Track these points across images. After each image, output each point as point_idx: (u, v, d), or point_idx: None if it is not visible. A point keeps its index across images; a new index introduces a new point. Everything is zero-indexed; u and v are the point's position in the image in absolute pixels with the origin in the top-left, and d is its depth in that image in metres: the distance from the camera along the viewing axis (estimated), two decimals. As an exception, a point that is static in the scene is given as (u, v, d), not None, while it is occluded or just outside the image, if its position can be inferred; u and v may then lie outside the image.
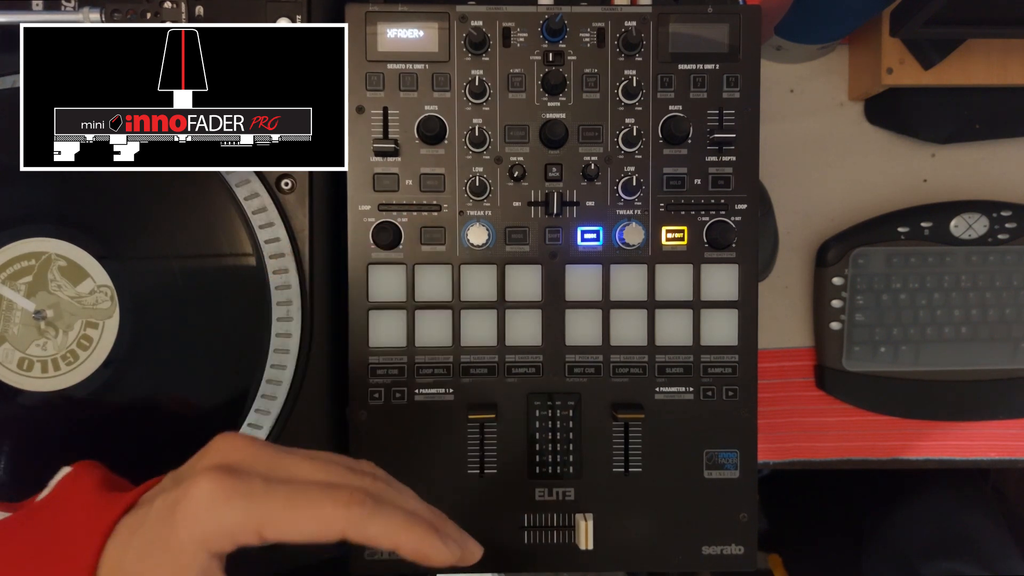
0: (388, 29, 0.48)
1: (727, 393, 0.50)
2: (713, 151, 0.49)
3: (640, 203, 0.49)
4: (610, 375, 0.49)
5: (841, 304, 0.62)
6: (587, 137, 0.49)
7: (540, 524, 0.49)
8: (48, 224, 0.46)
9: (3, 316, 0.46)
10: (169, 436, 0.47)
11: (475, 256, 0.49)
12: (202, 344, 0.47)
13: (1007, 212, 0.61)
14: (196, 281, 0.47)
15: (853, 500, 0.82)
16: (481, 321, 0.49)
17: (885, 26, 0.58)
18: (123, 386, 0.46)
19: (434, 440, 0.49)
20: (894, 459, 0.64)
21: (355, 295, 0.49)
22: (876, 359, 0.62)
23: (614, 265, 0.49)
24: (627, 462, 0.49)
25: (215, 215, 0.47)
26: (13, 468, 0.46)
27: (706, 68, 0.49)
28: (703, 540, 0.49)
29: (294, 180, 0.48)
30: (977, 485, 0.77)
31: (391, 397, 0.49)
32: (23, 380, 0.46)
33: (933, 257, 0.61)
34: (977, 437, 0.64)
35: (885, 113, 0.64)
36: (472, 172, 0.49)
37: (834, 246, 0.62)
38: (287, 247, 0.47)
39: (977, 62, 0.59)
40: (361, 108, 0.48)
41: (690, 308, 0.49)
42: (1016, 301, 0.61)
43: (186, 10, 0.47)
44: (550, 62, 0.48)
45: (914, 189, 0.65)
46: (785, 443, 0.64)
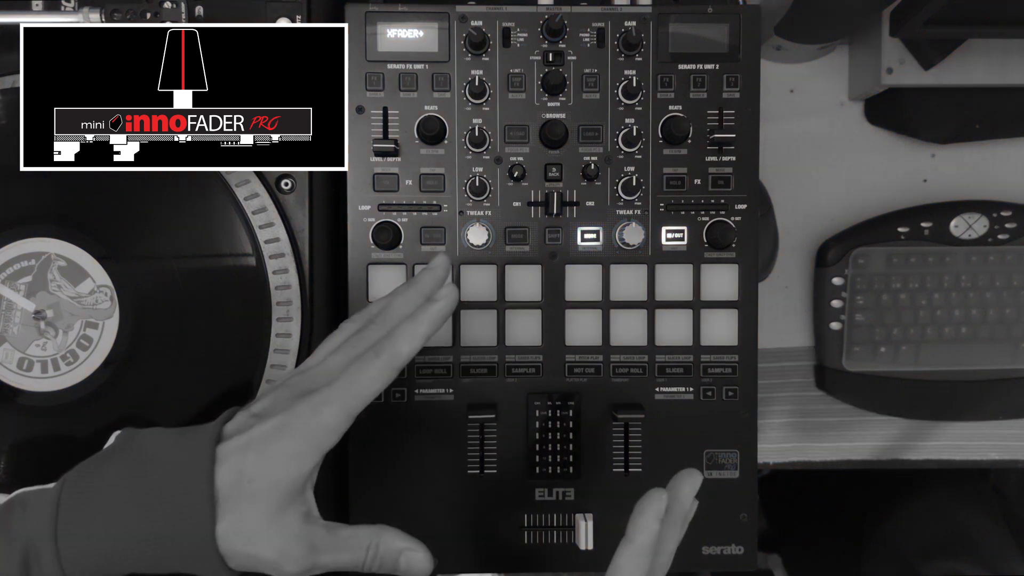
0: (388, 29, 0.48)
1: (727, 393, 0.50)
2: (713, 151, 0.49)
3: (640, 203, 0.49)
4: (610, 375, 0.49)
5: (841, 304, 0.62)
6: (587, 137, 0.49)
7: (540, 524, 0.49)
8: (48, 224, 0.46)
9: (3, 316, 0.46)
10: (169, 436, 0.47)
11: (475, 256, 0.49)
12: (202, 344, 0.47)
13: (1007, 212, 0.61)
14: (196, 281, 0.47)
15: (853, 500, 0.82)
16: (481, 321, 0.49)
17: (885, 26, 0.58)
18: (123, 386, 0.46)
19: (434, 440, 0.49)
20: (894, 459, 0.64)
21: (355, 295, 0.49)
22: (876, 359, 0.62)
23: (614, 265, 0.49)
24: (627, 462, 0.49)
25: (215, 215, 0.47)
26: (13, 468, 0.46)
27: (706, 68, 0.49)
28: (703, 540, 0.49)
29: (294, 180, 0.48)
30: (977, 485, 0.77)
31: (391, 397, 0.49)
32: (23, 380, 0.46)
33: (933, 257, 0.61)
34: (977, 437, 0.64)
35: (885, 113, 0.64)
36: (472, 172, 0.49)
37: (834, 246, 0.62)
38: (287, 247, 0.47)
39: (977, 62, 0.59)
40: (361, 108, 0.48)
41: (690, 308, 0.49)
42: (1016, 301, 0.61)
43: (186, 10, 0.47)
44: (550, 62, 0.48)
45: (914, 189, 0.65)
46: (785, 443, 0.64)
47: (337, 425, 0.36)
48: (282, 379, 0.39)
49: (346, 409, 0.36)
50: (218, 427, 0.36)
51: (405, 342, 0.37)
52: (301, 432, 0.35)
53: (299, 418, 0.35)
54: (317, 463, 0.36)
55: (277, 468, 0.34)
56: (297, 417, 0.35)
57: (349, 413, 0.36)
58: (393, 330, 0.38)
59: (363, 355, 0.37)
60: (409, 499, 0.48)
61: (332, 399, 0.36)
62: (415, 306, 0.40)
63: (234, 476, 0.34)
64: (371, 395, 0.36)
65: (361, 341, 0.39)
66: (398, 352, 0.37)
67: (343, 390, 0.36)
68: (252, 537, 0.34)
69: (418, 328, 0.38)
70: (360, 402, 0.36)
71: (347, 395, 0.36)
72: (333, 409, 0.35)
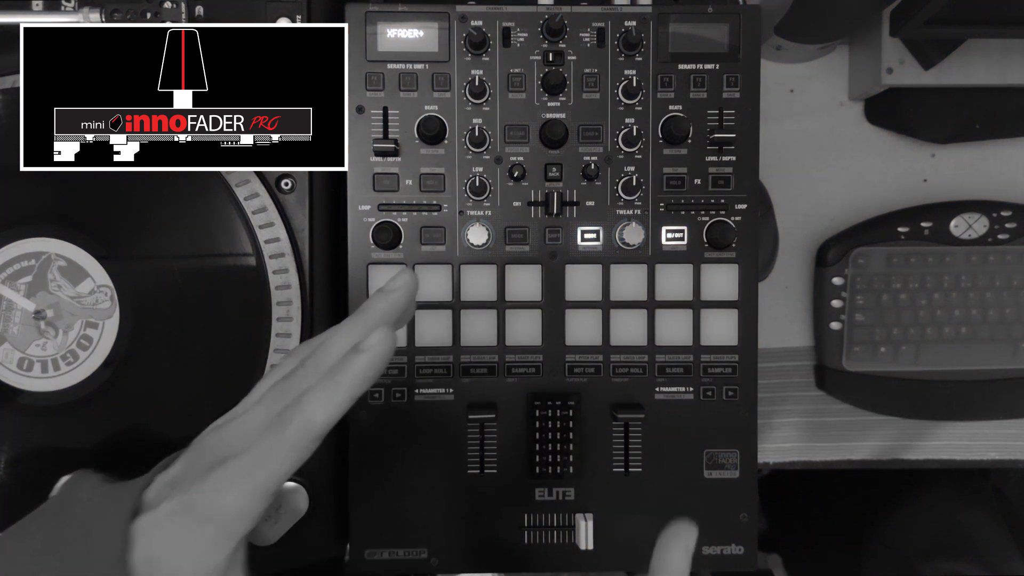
0: (388, 29, 0.48)
1: (727, 393, 0.50)
2: (713, 151, 0.49)
3: (640, 203, 0.49)
4: (610, 375, 0.49)
5: (841, 304, 0.62)
6: (587, 137, 0.49)
7: (540, 524, 0.49)
8: (48, 224, 0.46)
9: (3, 316, 0.46)
10: (169, 436, 0.47)
11: (475, 256, 0.49)
12: (202, 344, 0.47)
13: (1007, 212, 0.61)
14: (196, 281, 0.47)
15: (853, 500, 0.82)
16: (481, 321, 0.49)
17: (885, 26, 0.58)
18: (123, 386, 0.46)
19: (434, 440, 0.49)
20: (894, 459, 0.64)
21: (355, 295, 0.49)
22: (876, 359, 0.62)
23: (614, 265, 0.49)
24: (627, 462, 0.49)
25: (215, 215, 0.47)
26: (13, 468, 0.46)
27: (706, 68, 0.49)
28: (703, 540, 0.49)
29: (294, 180, 0.48)
30: (977, 485, 0.77)
31: (391, 397, 0.49)
32: (23, 380, 0.46)
33: (933, 257, 0.61)
34: (977, 437, 0.64)
35: (885, 113, 0.64)
36: (472, 172, 0.49)
37: (834, 246, 0.62)
38: (287, 247, 0.47)
39: (977, 62, 0.59)
40: (361, 108, 0.48)
41: (690, 308, 0.49)
42: (1016, 301, 0.61)
43: (186, 10, 0.47)
44: (550, 62, 0.48)
45: (914, 189, 0.65)
46: (785, 443, 0.64)
47: (245, 510, 0.30)
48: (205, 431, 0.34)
49: (255, 491, 0.30)
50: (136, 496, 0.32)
51: (320, 409, 0.31)
52: (206, 517, 0.30)
53: (204, 499, 0.30)
54: (233, 548, 0.31)
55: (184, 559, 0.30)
56: (202, 497, 0.30)
57: (261, 494, 0.30)
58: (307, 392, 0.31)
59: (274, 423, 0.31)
60: (409, 499, 0.48)
61: (238, 479, 0.30)
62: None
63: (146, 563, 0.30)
64: (285, 472, 0.31)
65: (285, 392, 0.33)
66: (310, 423, 0.30)
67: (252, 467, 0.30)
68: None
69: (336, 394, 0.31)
70: (273, 481, 0.31)
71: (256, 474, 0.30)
72: (239, 491, 0.30)
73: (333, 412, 0.31)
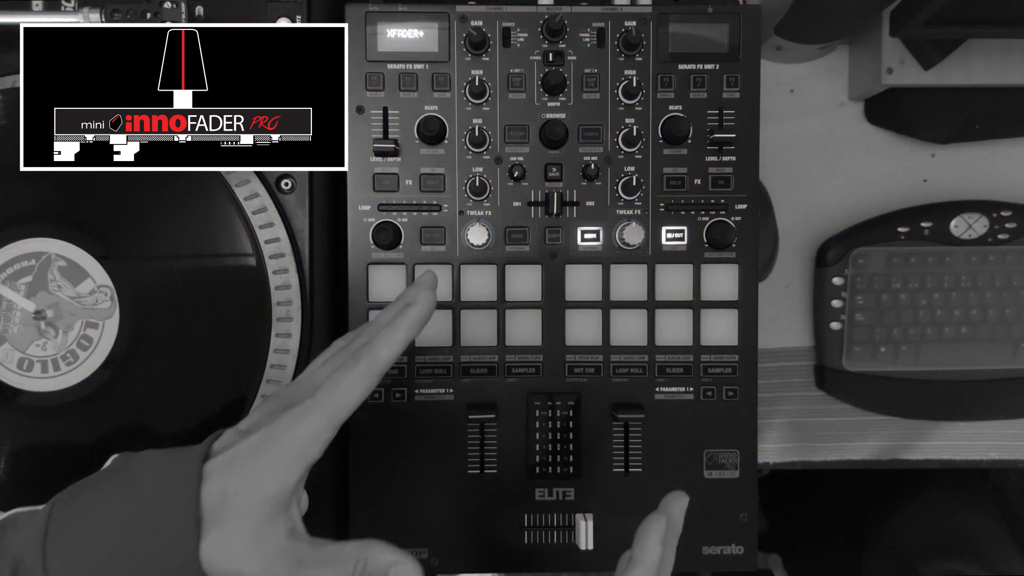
0: (388, 29, 0.48)
1: (727, 393, 0.50)
2: (713, 151, 0.49)
3: (640, 203, 0.49)
4: (610, 375, 0.49)
5: (841, 304, 0.62)
6: (587, 137, 0.49)
7: (540, 524, 0.49)
8: (48, 224, 0.46)
9: (3, 316, 0.46)
10: (169, 436, 0.47)
11: (475, 256, 0.49)
12: (202, 344, 0.47)
13: (1007, 212, 0.61)
14: (196, 281, 0.47)
15: (853, 500, 0.82)
16: (481, 321, 0.49)
17: (885, 26, 0.58)
18: (123, 386, 0.46)
19: (434, 440, 0.49)
20: (894, 459, 0.64)
21: (355, 295, 0.49)
22: (876, 359, 0.62)
23: (614, 265, 0.49)
24: (627, 462, 0.49)
25: (215, 215, 0.47)
26: (13, 468, 0.46)
27: (706, 68, 0.49)
28: (703, 540, 0.49)
29: (294, 180, 0.48)
30: (977, 485, 0.77)
31: (391, 397, 0.49)
32: (23, 380, 0.46)
33: (933, 257, 0.61)
34: (977, 437, 0.64)
35: (885, 113, 0.64)
36: (472, 172, 0.49)
37: (834, 246, 0.62)
38: (287, 247, 0.47)
39: (977, 62, 0.59)
40: (361, 108, 0.48)
41: (690, 308, 0.49)
42: (1016, 301, 0.61)
43: (186, 10, 0.47)
44: (550, 62, 0.48)
45: (914, 189, 0.65)
46: (785, 443, 0.64)
47: (319, 434, 0.35)
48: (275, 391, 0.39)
49: (328, 417, 0.35)
50: (206, 446, 0.36)
51: (384, 347, 0.37)
52: (283, 444, 0.35)
53: (281, 430, 0.35)
54: (302, 477, 0.35)
55: (260, 483, 0.34)
56: (279, 429, 0.35)
57: (331, 421, 0.35)
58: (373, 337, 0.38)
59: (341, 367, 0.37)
60: (409, 499, 0.48)
61: (313, 408, 0.35)
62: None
63: (218, 493, 0.34)
64: (353, 402, 0.36)
65: (346, 352, 0.39)
66: (377, 357, 0.37)
67: (324, 399, 0.35)
68: (236, 554, 0.34)
69: (396, 333, 0.37)
70: (342, 409, 0.36)
71: (328, 404, 0.35)
72: (314, 418, 0.35)
73: (395, 349, 0.37)
